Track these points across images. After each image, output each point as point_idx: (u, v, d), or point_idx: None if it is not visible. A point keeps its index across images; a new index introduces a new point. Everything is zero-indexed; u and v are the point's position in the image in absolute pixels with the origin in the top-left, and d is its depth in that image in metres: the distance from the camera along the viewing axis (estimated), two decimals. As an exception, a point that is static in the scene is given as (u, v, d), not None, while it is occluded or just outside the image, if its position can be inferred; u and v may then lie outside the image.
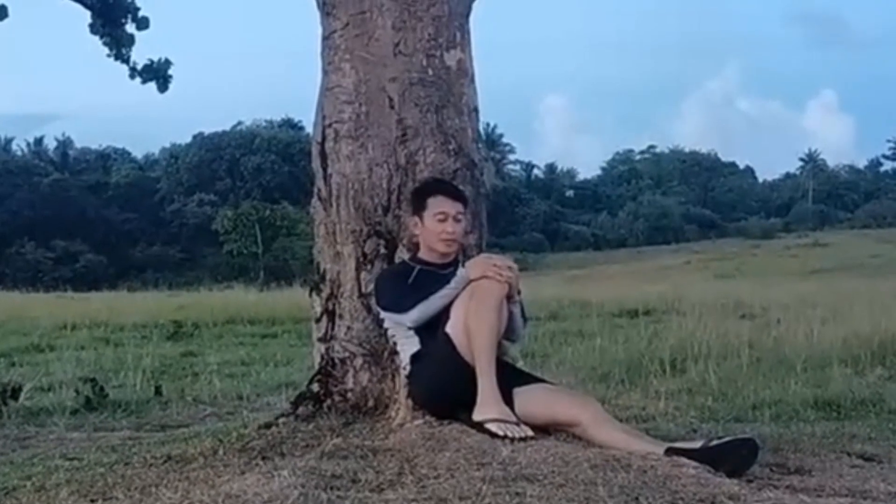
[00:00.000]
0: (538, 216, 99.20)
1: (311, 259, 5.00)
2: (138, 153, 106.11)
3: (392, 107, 4.69)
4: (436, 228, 4.46)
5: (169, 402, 7.88)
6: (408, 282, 4.43)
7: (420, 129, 4.68)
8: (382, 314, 4.54)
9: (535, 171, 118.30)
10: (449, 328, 4.26)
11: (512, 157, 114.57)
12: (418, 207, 4.53)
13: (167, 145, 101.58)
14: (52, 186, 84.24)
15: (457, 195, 4.55)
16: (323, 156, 4.79)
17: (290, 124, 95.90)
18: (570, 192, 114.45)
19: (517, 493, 3.18)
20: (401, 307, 4.40)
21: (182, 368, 10.90)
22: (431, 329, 4.35)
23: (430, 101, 4.69)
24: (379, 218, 4.68)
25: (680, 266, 71.09)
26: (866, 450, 4.64)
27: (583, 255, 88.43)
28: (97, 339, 15.28)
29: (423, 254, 4.55)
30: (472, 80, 4.87)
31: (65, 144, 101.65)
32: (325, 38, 4.83)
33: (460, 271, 4.32)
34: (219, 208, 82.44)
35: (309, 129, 5.12)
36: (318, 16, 4.88)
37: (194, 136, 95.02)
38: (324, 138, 4.79)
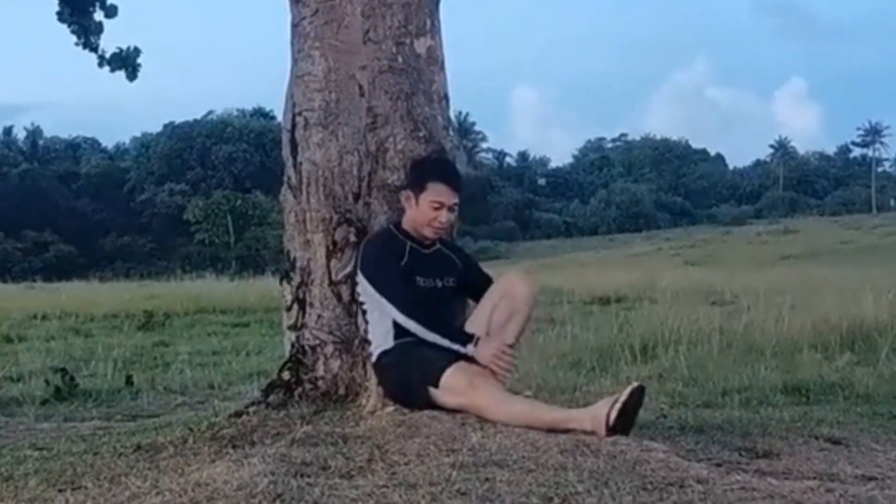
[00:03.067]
0: (510, 204, 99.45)
1: (282, 248, 4.99)
2: (108, 143, 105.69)
3: (362, 94, 4.67)
4: (429, 214, 4.46)
5: (139, 392, 7.84)
6: (401, 262, 4.43)
7: (390, 117, 4.67)
8: (363, 283, 4.49)
9: (508, 159, 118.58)
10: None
11: (484, 145, 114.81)
12: (416, 185, 4.50)
13: (138, 135, 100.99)
14: (21, 177, 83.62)
15: (457, 185, 4.54)
16: (293, 144, 4.77)
17: (261, 113, 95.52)
18: (542, 181, 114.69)
19: (487, 479, 3.19)
20: (393, 295, 4.38)
21: (153, 358, 10.86)
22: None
23: (400, 88, 4.68)
24: (349, 206, 4.66)
25: (651, 253, 71.40)
26: (834, 433, 4.68)
27: (555, 243, 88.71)
28: (67, 329, 15.22)
29: (406, 225, 4.53)
30: (443, 68, 4.86)
31: (34, 134, 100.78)
32: (294, 26, 4.80)
33: (471, 347, 4.26)
34: (190, 198, 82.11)
35: (280, 118, 5.10)
36: (287, 3, 4.86)
37: (165, 126, 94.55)
38: (294, 126, 4.77)
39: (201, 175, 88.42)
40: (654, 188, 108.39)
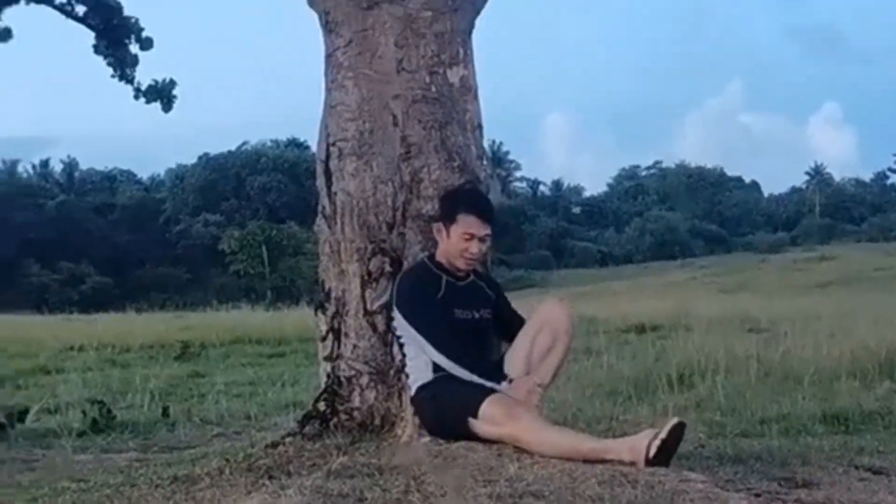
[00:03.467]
0: (544, 233, 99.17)
1: (317, 279, 5.00)
2: (144, 175, 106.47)
3: (396, 124, 4.70)
4: (460, 246, 4.47)
5: (176, 423, 7.86)
6: (437, 295, 4.44)
7: (424, 147, 4.69)
8: (399, 320, 4.50)
9: (542, 187, 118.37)
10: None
11: (518, 174, 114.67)
12: (447, 217, 4.52)
13: (173, 166, 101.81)
14: (57, 208, 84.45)
15: (488, 217, 4.54)
16: (327, 174, 4.80)
17: (295, 144, 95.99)
18: (576, 209, 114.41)
19: (524, 510, 3.17)
20: (431, 332, 4.39)
21: (189, 389, 10.90)
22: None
23: (433, 117, 4.70)
24: (384, 235, 4.68)
25: (686, 281, 70.91)
26: (874, 463, 4.62)
27: (589, 272, 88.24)
28: (104, 360, 15.28)
29: (440, 257, 4.55)
30: (476, 97, 4.87)
31: (70, 166, 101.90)
32: (328, 56, 4.84)
33: (505, 384, 4.29)
34: (225, 228, 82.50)
35: (314, 149, 5.12)
36: (321, 34, 4.89)
37: (199, 157, 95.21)
38: (328, 156, 4.79)
39: (236, 206, 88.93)
40: (689, 216, 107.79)
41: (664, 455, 3.82)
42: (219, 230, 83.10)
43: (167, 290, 71.53)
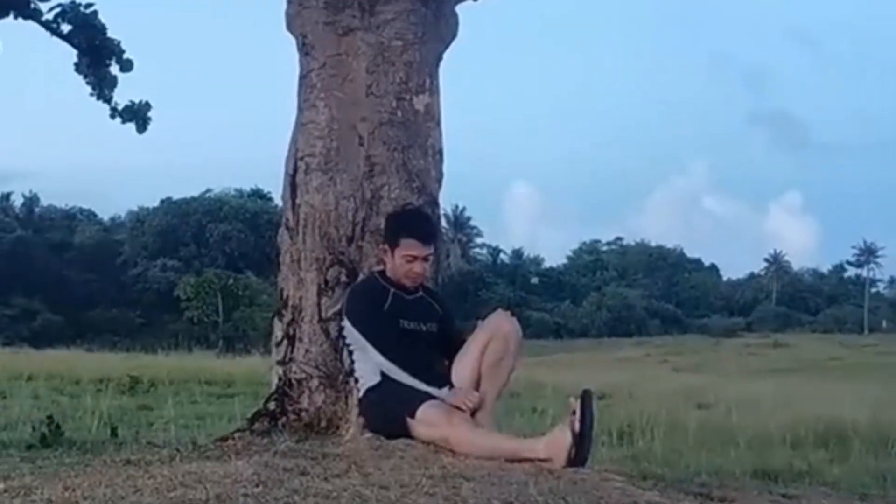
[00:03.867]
0: (502, 301, 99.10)
1: (270, 330, 5.25)
2: (105, 214, 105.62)
3: (361, 144, 5.01)
4: (403, 267, 4.75)
5: (124, 444, 7.93)
6: (384, 307, 4.69)
7: (386, 167, 5.00)
8: (348, 328, 4.75)
9: (502, 255, 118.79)
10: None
11: (479, 240, 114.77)
12: (390, 240, 4.79)
13: (134, 208, 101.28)
14: (14, 243, 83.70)
15: (428, 238, 4.81)
16: (293, 187, 5.08)
17: (259, 194, 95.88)
18: (535, 279, 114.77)
19: (454, 487, 3.42)
20: (377, 339, 4.64)
21: (138, 418, 10.94)
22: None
23: (397, 140, 5.02)
24: (343, 248, 4.95)
25: (640, 358, 71.25)
26: (790, 492, 4.87)
27: (544, 343, 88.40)
28: (53, 389, 15.27)
29: (389, 273, 4.81)
30: (439, 124, 5.20)
31: (31, 202, 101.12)
32: (302, 77, 5.15)
33: (446, 391, 4.54)
34: (182, 274, 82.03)
35: (278, 199, 5.41)
36: (297, 56, 5.20)
37: (162, 201, 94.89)
38: (295, 170, 5.08)
39: (195, 252, 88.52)
40: (647, 294, 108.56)
41: (583, 438, 4.11)
42: (176, 276, 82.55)
43: (119, 333, 70.78)
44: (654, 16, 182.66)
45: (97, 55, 9.32)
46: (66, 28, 9.35)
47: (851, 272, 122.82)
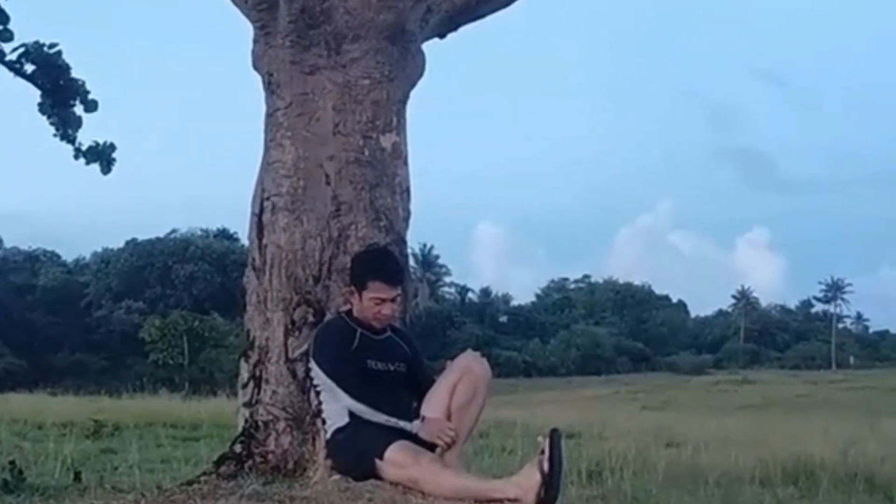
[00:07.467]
0: (470, 340, 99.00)
1: (236, 372, 5.19)
2: (69, 256, 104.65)
3: (328, 183, 4.97)
4: (372, 309, 4.72)
5: (88, 489, 7.80)
6: (351, 347, 4.63)
7: (354, 206, 4.96)
8: (315, 370, 4.71)
9: (470, 294, 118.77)
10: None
11: (447, 279, 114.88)
12: (357, 283, 4.75)
13: (99, 250, 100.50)
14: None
15: (396, 279, 4.78)
16: (259, 227, 5.03)
17: (225, 235, 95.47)
18: (503, 318, 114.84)
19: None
20: (344, 380, 4.60)
21: (102, 463, 10.76)
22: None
23: (364, 179, 4.99)
24: (309, 288, 4.90)
25: (609, 396, 71.34)
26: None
27: (513, 382, 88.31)
28: (15, 433, 15.01)
29: (357, 313, 4.77)
30: (406, 163, 5.18)
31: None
32: (268, 116, 5.12)
33: (417, 423, 4.51)
34: (147, 316, 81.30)
35: (244, 240, 5.36)
36: (263, 94, 5.16)
37: (127, 242, 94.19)
38: (262, 210, 5.03)
39: (160, 293, 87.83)
40: (615, 332, 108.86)
41: (553, 477, 4.07)
42: (141, 318, 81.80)
43: (83, 377, 69.99)
44: (621, 55, 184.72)
45: (61, 95, 9.24)
46: (29, 68, 9.24)
47: (819, 308, 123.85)
